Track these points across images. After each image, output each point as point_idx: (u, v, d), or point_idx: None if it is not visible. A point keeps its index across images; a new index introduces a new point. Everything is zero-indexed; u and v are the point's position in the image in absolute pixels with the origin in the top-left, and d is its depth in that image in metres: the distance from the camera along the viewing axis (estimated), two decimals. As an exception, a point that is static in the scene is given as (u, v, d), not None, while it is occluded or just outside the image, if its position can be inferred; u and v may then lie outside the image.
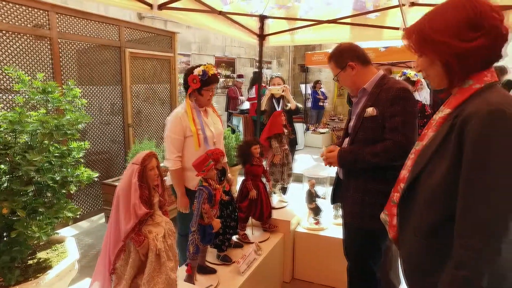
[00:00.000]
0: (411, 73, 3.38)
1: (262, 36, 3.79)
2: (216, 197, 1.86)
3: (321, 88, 9.17)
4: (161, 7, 2.53)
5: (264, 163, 2.59)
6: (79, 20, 3.44)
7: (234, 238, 2.37)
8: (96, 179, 2.50)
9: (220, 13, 3.09)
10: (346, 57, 1.76)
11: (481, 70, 0.98)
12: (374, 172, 1.70)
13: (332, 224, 2.80)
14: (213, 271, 2.01)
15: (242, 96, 7.03)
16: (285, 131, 2.84)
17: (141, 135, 4.26)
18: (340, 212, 2.88)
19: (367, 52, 5.73)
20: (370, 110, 1.68)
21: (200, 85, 2.21)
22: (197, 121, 2.26)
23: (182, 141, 2.28)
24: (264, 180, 2.57)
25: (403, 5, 2.93)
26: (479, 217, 0.86)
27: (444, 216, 0.97)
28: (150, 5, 2.47)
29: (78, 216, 2.33)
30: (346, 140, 1.89)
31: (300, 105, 3.77)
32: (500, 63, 4.55)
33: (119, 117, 4.01)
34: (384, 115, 1.64)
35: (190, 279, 1.81)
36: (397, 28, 3.14)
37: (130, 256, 1.27)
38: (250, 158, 2.43)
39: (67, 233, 3.39)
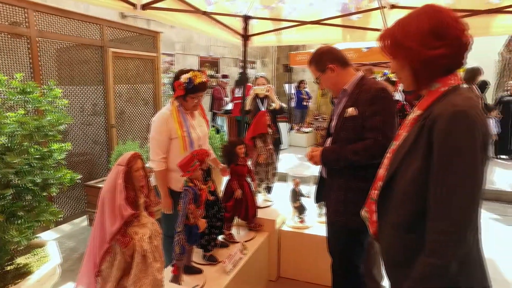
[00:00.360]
0: (391, 73, 3.49)
1: (246, 37, 3.80)
2: (202, 197, 1.86)
3: (305, 87, 9.26)
4: (144, 7, 2.50)
5: (248, 163, 2.60)
6: (59, 19, 3.36)
7: (220, 238, 2.38)
8: (78, 181, 2.46)
9: (204, 13, 3.08)
10: (326, 60, 1.80)
11: (446, 75, 1.06)
12: (356, 170, 1.75)
13: (316, 223, 2.84)
14: (199, 271, 2.01)
15: (226, 97, 7.02)
16: (270, 131, 2.87)
17: (124, 136, 4.21)
18: (324, 210, 2.93)
19: (349, 53, 5.86)
20: (351, 110, 1.72)
21: (184, 92, 2.19)
22: (183, 124, 2.25)
23: (167, 143, 2.27)
24: (249, 179, 2.59)
25: (384, 7, 3.01)
26: (449, 205, 0.95)
27: (418, 211, 1.04)
28: (134, 5, 2.44)
29: (60, 219, 2.28)
30: (329, 139, 1.93)
31: (284, 105, 3.81)
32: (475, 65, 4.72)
33: (102, 117, 3.94)
34: (364, 114, 1.69)
35: (176, 279, 1.81)
36: (379, 30, 3.21)
37: (116, 258, 1.26)
38: (235, 158, 2.44)
39: (48, 236, 3.31)
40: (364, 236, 1.85)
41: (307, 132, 8.40)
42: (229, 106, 6.81)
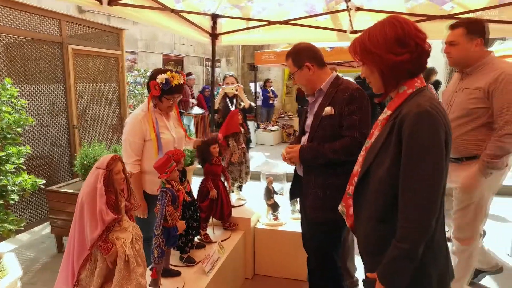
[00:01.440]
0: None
1: (214, 35, 3.78)
2: (180, 198, 1.83)
3: (271, 86, 9.36)
4: (111, 2, 2.40)
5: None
6: (9, 11, 3.10)
7: (196, 238, 2.35)
8: (41, 186, 2.32)
9: (173, 11, 3.02)
10: (304, 57, 1.84)
11: (410, 78, 1.17)
12: (333, 167, 1.81)
13: (290, 219, 2.90)
14: (177, 274, 1.98)
15: (193, 98, 6.88)
16: (242, 129, 2.88)
17: (88, 137, 4.01)
18: (297, 207, 3.00)
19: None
20: (328, 109, 1.78)
21: (160, 93, 2.13)
22: (157, 126, 2.19)
23: (141, 145, 2.19)
24: (223, 179, 2.58)
25: (350, 9, 3.13)
26: (416, 196, 1.06)
27: (390, 203, 1.14)
28: (100, 0, 2.33)
29: (22, 228, 2.13)
30: (304, 138, 1.98)
31: (253, 104, 3.83)
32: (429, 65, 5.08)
33: (62, 118, 3.72)
34: (341, 113, 1.75)
35: (155, 283, 1.77)
36: (344, 31, 3.33)
37: (97, 265, 1.20)
38: (209, 157, 2.42)
39: (4, 248, 3.08)
40: (341, 231, 1.92)
41: (273, 131, 8.51)
42: (195, 111, 6.73)
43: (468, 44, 2.04)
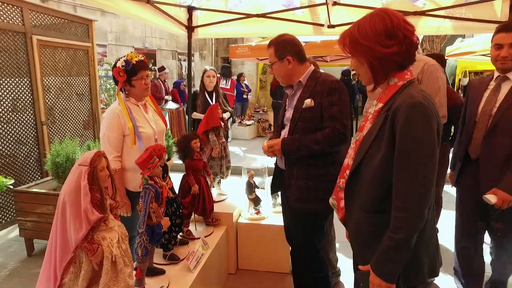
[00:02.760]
0: None
1: (190, 28, 3.69)
2: (163, 194, 1.78)
3: (244, 80, 9.32)
4: (82, -10, 2.27)
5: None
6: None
7: (178, 235, 2.31)
8: (10, 186, 2.17)
9: (148, 1, 2.91)
10: (287, 50, 1.83)
11: (400, 70, 1.18)
12: (315, 158, 1.83)
13: (272, 213, 2.91)
14: (162, 272, 1.93)
15: (168, 94, 6.69)
16: (222, 124, 2.84)
17: (57, 134, 3.80)
18: (278, 200, 3.02)
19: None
20: (308, 102, 1.79)
21: (126, 76, 2.06)
22: (131, 114, 2.11)
23: (120, 140, 2.10)
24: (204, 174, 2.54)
25: (328, 3, 3.16)
26: (411, 186, 1.08)
27: (383, 194, 1.16)
28: (70, -12, 2.19)
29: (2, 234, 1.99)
30: (283, 131, 1.97)
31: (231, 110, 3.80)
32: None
33: (28, 114, 3.50)
34: (321, 105, 1.76)
35: (139, 283, 1.71)
36: (322, 25, 3.36)
37: (82, 267, 1.14)
38: (190, 152, 2.38)
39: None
40: (325, 221, 1.95)
41: (249, 125, 8.49)
42: (169, 106, 6.57)
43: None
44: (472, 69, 14.69)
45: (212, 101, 3.53)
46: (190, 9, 3.60)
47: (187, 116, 6.77)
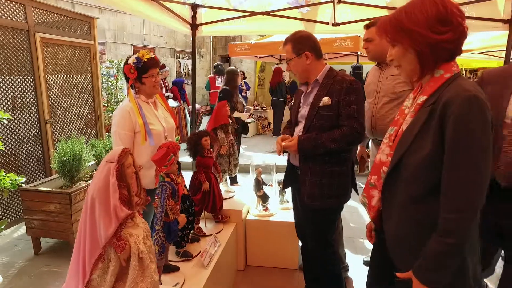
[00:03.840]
0: None
1: (194, 26, 3.68)
2: (179, 192, 1.79)
3: (244, 79, 9.32)
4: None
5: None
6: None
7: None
8: (22, 184, 2.16)
9: (154, -1, 2.91)
10: (305, 45, 1.84)
11: (449, 61, 1.11)
12: (329, 156, 1.85)
13: (279, 210, 2.94)
14: (176, 269, 1.95)
15: (167, 91, 6.68)
16: (230, 121, 2.85)
17: (59, 132, 3.78)
18: (286, 197, 3.04)
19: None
20: (326, 99, 1.81)
21: (137, 73, 2.08)
22: (142, 111, 2.12)
23: (131, 137, 2.11)
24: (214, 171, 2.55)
25: (333, 1, 3.18)
26: (465, 186, 1.00)
27: (429, 188, 1.09)
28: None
29: (5, 232, 1.98)
30: (298, 128, 1.99)
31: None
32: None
33: (31, 112, 3.47)
34: (339, 104, 1.78)
35: (157, 280, 1.72)
36: (326, 23, 3.38)
37: (110, 263, 1.15)
38: (201, 150, 2.39)
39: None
40: (337, 216, 1.99)
41: (249, 123, 8.48)
42: (171, 102, 6.57)
43: (383, 40, 2.22)
44: (467, 67, 14.87)
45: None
46: (194, 7, 3.59)
47: (188, 116, 6.78)
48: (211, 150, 2.47)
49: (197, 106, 5.95)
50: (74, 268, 1.17)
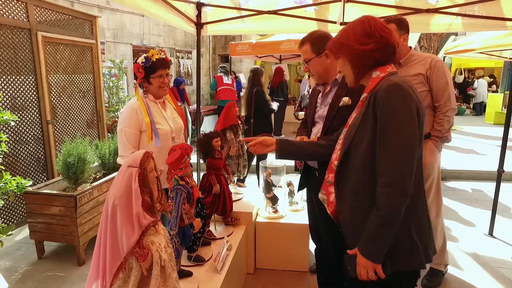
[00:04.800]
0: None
1: (199, 25, 3.62)
2: (194, 195, 1.74)
3: (235, 79, 9.25)
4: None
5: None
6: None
7: (200, 236, 2.26)
8: (30, 188, 2.10)
9: (160, -4, 2.85)
10: (324, 44, 1.80)
11: (381, 66, 1.29)
12: None
13: (289, 211, 2.89)
14: (189, 274, 1.89)
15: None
16: (239, 122, 2.80)
17: (62, 133, 3.70)
18: (294, 199, 3.00)
19: (290, 44, 5.99)
20: (346, 100, 1.77)
21: (144, 73, 2.05)
22: (149, 109, 2.08)
23: (138, 136, 2.08)
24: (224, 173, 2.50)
25: (339, 0, 3.14)
26: (392, 162, 1.12)
27: (374, 177, 1.19)
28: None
29: (10, 236, 1.91)
30: (315, 129, 1.95)
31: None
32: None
33: (33, 112, 3.39)
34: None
35: (172, 286, 1.67)
36: (334, 22, 3.34)
37: (132, 273, 1.09)
38: (211, 151, 2.33)
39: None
40: None
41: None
42: None
43: (400, 39, 2.27)
44: (466, 66, 14.96)
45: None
46: (199, 5, 3.53)
47: (189, 116, 6.71)
48: (222, 151, 2.41)
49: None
50: (93, 277, 1.11)
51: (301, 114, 3.74)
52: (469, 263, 2.91)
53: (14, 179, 1.98)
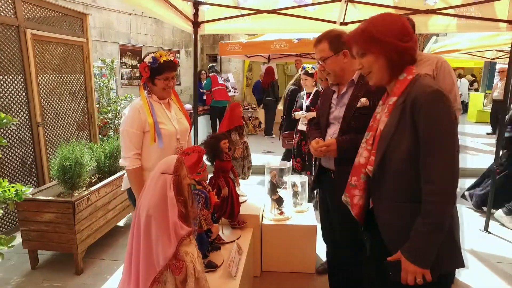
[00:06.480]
0: (309, 66, 3.65)
1: (196, 23, 3.54)
2: (211, 200, 1.68)
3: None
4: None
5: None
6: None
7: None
8: (30, 195, 1.97)
9: (159, -6, 2.75)
10: (343, 43, 1.77)
11: (410, 65, 1.29)
12: None
13: (294, 213, 2.86)
14: (204, 281, 1.83)
15: None
16: (244, 122, 2.75)
17: (52, 136, 3.54)
18: (299, 200, 2.97)
19: (281, 43, 5.99)
20: (364, 101, 1.75)
21: (149, 73, 1.98)
22: (153, 109, 2.00)
23: (141, 136, 2.00)
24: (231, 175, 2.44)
25: (340, 0, 3.14)
26: (439, 169, 1.12)
27: (415, 179, 1.19)
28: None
29: (12, 248, 1.79)
30: (330, 130, 1.91)
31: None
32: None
33: (22, 114, 3.22)
34: (377, 105, 1.72)
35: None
36: (334, 22, 3.33)
37: (166, 287, 1.03)
38: (220, 153, 2.27)
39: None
40: None
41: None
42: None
43: None
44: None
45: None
46: (196, 4, 3.45)
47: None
48: (229, 153, 2.36)
49: (188, 106, 5.80)
50: (124, 292, 1.04)
51: (297, 114, 3.72)
52: (469, 259, 2.96)
53: (13, 186, 1.86)
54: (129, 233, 1.04)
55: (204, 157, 1.88)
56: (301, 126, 3.69)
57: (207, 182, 1.80)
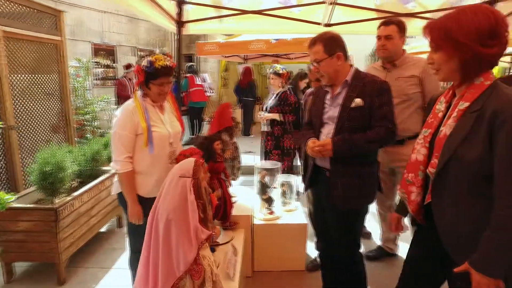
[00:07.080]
0: (277, 66, 3.55)
1: (180, 23, 3.48)
2: (213, 202, 1.66)
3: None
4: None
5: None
6: None
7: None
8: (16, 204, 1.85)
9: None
10: (337, 46, 1.81)
11: (488, 70, 1.17)
12: (362, 157, 1.84)
13: (283, 212, 2.88)
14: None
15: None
16: (234, 123, 2.74)
17: (28, 139, 3.34)
18: (288, 199, 2.99)
19: (259, 44, 6.00)
20: (358, 101, 1.79)
21: (144, 77, 1.92)
22: (146, 113, 1.95)
23: (133, 139, 1.94)
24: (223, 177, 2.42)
25: (325, 2, 3.20)
26: None
27: (482, 189, 1.15)
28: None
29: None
30: (325, 130, 1.94)
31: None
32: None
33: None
34: (372, 105, 1.78)
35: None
36: (319, 23, 3.39)
37: (185, 291, 1.00)
38: (213, 155, 2.25)
39: None
40: (366, 214, 2.00)
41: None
42: None
43: (400, 40, 2.40)
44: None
45: None
46: (180, 3, 3.39)
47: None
48: (222, 155, 2.33)
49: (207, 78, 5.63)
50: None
51: (258, 115, 3.73)
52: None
53: (-6, 194, 1.74)
54: (145, 238, 1.00)
55: (200, 159, 1.85)
56: (263, 127, 3.68)
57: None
